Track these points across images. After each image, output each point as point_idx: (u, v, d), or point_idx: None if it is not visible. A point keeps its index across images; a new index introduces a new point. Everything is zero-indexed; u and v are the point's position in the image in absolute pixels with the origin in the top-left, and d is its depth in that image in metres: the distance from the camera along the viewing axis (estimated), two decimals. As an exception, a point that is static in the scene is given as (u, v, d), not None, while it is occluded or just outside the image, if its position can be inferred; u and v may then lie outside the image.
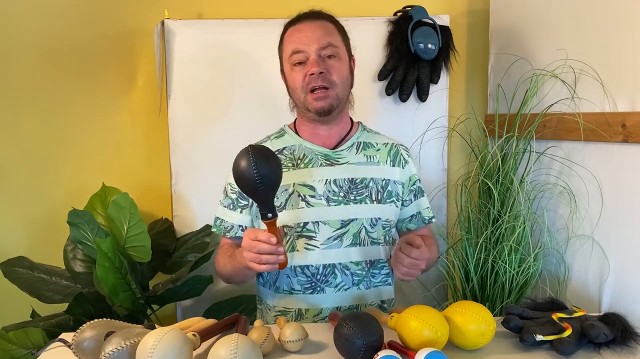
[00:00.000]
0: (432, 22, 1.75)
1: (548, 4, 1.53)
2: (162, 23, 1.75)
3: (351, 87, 1.24)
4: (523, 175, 1.56)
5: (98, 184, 1.78)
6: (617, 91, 1.28)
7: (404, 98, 1.79)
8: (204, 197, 1.80)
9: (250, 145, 0.97)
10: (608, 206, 1.32)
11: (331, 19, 1.22)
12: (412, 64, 1.77)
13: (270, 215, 0.97)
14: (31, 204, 1.89)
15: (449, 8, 1.91)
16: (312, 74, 1.14)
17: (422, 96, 1.80)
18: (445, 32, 1.77)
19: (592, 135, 1.35)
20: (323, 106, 1.16)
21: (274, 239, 0.96)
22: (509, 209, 1.55)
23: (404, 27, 1.74)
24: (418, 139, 1.82)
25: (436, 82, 1.81)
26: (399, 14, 1.79)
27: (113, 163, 1.91)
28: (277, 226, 1.00)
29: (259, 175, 0.93)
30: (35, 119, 1.86)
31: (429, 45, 1.73)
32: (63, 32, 1.84)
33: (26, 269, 1.62)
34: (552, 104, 1.48)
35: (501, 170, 1.58)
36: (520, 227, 1.51)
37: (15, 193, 1.88)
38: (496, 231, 1.55)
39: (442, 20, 1.80)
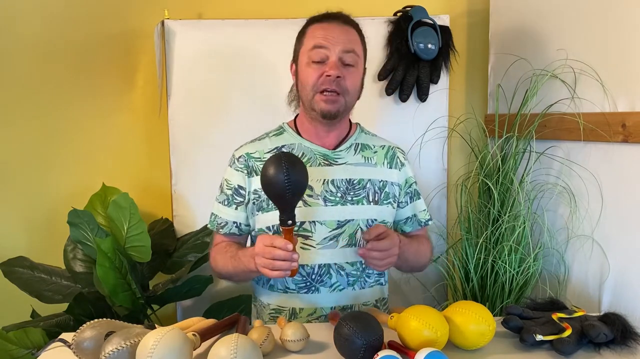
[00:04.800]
0: (432, 22, 1.75)
1: (548, 4, 1.53)
2: (162, 23, 1.75)
3: (358, 98, 1.23)
4: (523, 175, 1.56)
5: (98, 184, 1.78)
6: (617, 91, 1.28)
7: (404, 98, 1.79)
8: (204, 197, 1.80)
9: (282, 152, 0.98)
10: (608, 206, 1.32)
11: (358, 29, 1.20)
12: (412, 64, 1.76)
13: (290, 222, 0.99)
14: (31, 204, 1.89)
15: (449, 8, 1.91)
16: (329, 75, 1.12)
17: (422, 96, 1.80)
18: (445, 32, 1.77)
19: (592, 135, 1.35)
20: (330, 109, 1.15)
21: (290, 246, 0.98)
22: (509, 209, 1.55)
23: (404, 27, 1.74)
24: (418, 139, 1.82)
25: (436, 82, 1.81)
26: (399, 14, 1.79)
27: (113, 163, 1.91)
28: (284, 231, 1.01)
29: (289, 181, 0.94)
30: (35, 119, 1.86)
31: (429, 45, 1.73)
32: (63, 33, 1.84)
33: (26, 269, 1.62)
34: (552, 104, 1.48)
35: (501, 170, 1.58)
36: (520, 227, 1.51)
37: (15, 193, 1.88)
38: (496, 231, 1.55)
39: (442, 20, 1.80)
